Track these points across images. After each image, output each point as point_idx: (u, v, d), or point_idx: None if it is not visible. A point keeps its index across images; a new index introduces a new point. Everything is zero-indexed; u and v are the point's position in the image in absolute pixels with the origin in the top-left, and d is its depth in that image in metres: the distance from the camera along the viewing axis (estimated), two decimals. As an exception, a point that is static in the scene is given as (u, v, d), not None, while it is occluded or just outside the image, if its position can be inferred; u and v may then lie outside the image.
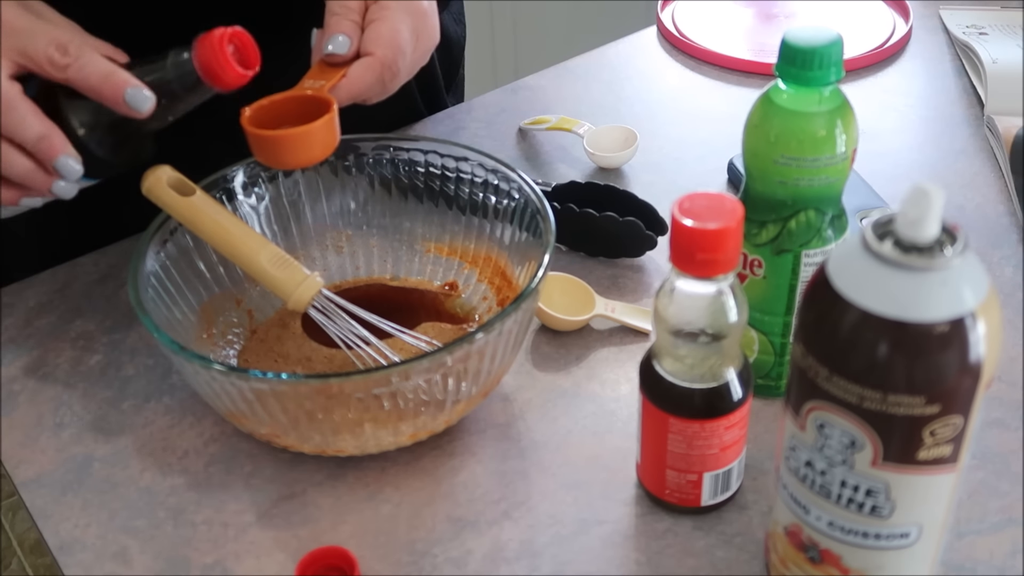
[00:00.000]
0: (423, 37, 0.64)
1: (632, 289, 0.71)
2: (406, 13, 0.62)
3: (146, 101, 0.56)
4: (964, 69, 0.94)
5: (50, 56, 0.55)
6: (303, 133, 0.57)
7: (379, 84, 0.62)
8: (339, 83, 0.60)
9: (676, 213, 0.46)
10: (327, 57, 0.61)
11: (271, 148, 0.58)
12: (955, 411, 0.40)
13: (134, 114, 0.56)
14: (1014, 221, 0.75)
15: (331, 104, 0.58)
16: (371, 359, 0.60)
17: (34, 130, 0.55)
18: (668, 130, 0.88)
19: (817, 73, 0.51)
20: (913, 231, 0.39)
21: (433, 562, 0.54)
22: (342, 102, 0.60)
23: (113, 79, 0.55)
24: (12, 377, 0.67)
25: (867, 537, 0.44)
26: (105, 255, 0.77)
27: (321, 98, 0.59)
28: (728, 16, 1.04)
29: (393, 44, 0.61)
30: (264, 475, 0.59)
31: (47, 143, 0.56)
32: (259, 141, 0.58)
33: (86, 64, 0.55)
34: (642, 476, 0.56)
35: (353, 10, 0.62)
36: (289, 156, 0.59)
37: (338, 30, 0.61)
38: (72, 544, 0.56)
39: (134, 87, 0.56)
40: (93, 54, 0.56)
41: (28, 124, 0.55)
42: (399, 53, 0.61)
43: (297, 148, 0.58)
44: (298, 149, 0.58)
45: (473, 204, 0.68)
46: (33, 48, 0.55)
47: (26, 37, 0.55)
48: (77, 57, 0.55)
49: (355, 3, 0.62)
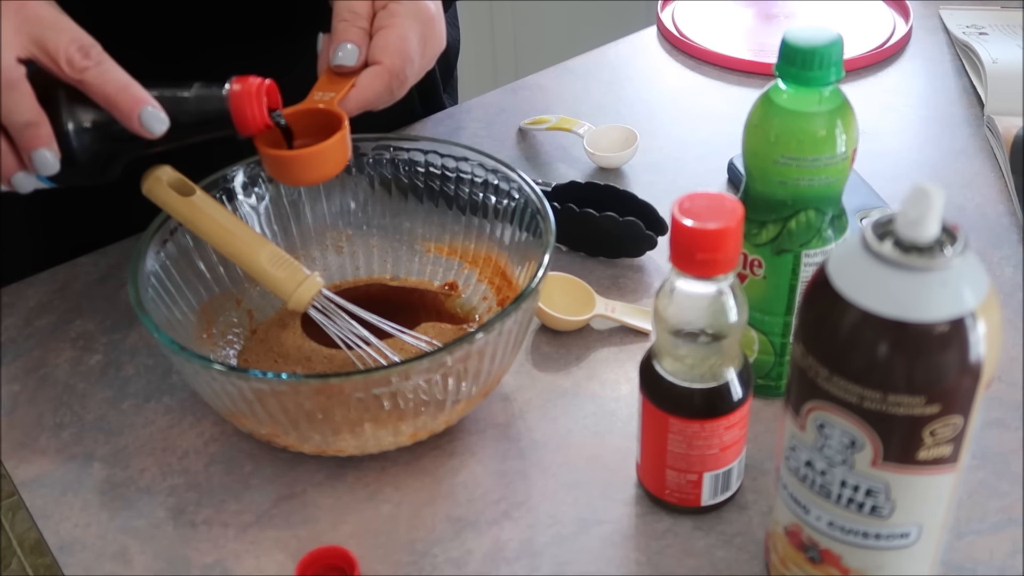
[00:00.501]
0: (430, 43, 0.63)
1: (632, 289, 0.71)
2: (414, 20, 0.62)
3: (161, 123, 0.55)
4: (964, 69, 0.94)
5: (70, 56, 0.53)
6: (317, 153, 0.57)
7: (387, 92, 0.61)
8: (348, 93, 0.60)
9: (676, 213, 0.46)
10: (336, 67, 0.61)
11: (285, 167, 0.59)
12: (955, 411, 0.40)
13: (143, 133, 0.55)
14: (1014, 221, 0.75)
15: (342, 120, 0.58)
16: (371, 359, 0.60)
17: (26, 116, 0.54)
18: (668, 130, 0.88)
19: (817, 73, 0.51)
20: (913, 231, 0.39)
21: (433, 562, 0.54)
22: (351, 112, 0.60)
23: (132, 93, 0.54)
24: (12, 377, 0.67)
25: (867, 537, 0.44)
26: (105, 255, 0.77)
27: (332, 112, 0.59)
28: (728, 16, 1.04)
29: (402, 52, 0.61)
30: (264, 475, 0.59)
31: (34, 131, 0.54)
32: (274, 160, 0.58)
33: (106, 72, 0.54)
34: (642, 476, 0.56)
35: (361, 16, 0.61)
36: (303, 174, 0.59)
37: (346, 38, 0.60)
38: (72, 544, 0.56)
39: (153, 107, 0.54)
40: (113, 63, 0.55)
41: (23, 108, 0.53)
42: (407, 61, 0.61)
43: (311, 167, 0.58)
44: (312, 167, 0.58)
45: (473, 204, 0.68)
46: (54, 43, 0.53)
47: (49, 30, 0.54)
48: (99, 63, 0.54)
49: (363, 9, 0.61)
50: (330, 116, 0.59)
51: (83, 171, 0.57)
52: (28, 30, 0.53)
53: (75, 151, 0.56)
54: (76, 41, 0.54)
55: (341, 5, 0.61)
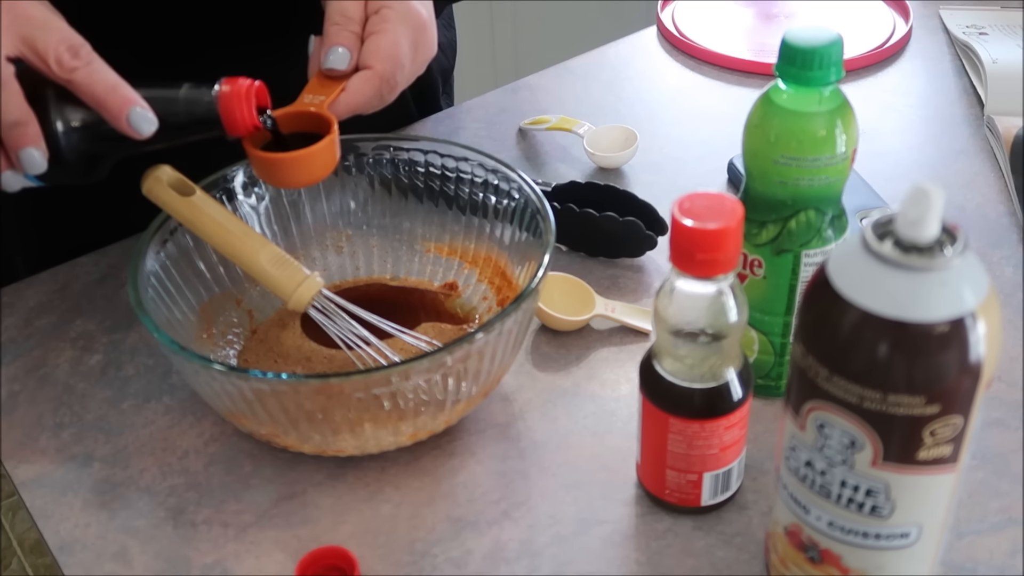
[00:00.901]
0: (421, 48, 0.63)
1: (632, 289, 0.71)
2: (406, 25, 0.62)
3: (150, 124, 0.55)
4: (964, 69, 0.94)
5: (59, 56, 0.53)
6: (304, 156, 0.57)
7: (377, 97, 0.61)
8: (338, 97, 0.60)
9: (676, 213, 0.46)
10: (326, 71, 0.61)
11: (273, 169, 0.59)
12: (955, 411, 0.40)
13: (132, 133, 0.55)
14: (1014, 221, 0.75)
15: (332, 124, 0.59)
16: (371, 359, 0.60)
17: (14, 114, 0.53)
18: (668, 130, 0.88)
19: (817, 73, 0.51)
20: (913, 231, 0.39)
21: (433, 562, 0.54)
22: (341, 115, 0.60)
23: (121, 93, 0.54)
24: (12, 377, 0.67)
25: (867, 537, 0.44)
26: (105, 255, 0.77)
27: (322, 116, 0.59)
28: (728, 16, 1.04)
29: (392, 58, 0.61)
30: (264, 475, 0.59)
31: (21, 130, 0.54)
32: (261, 162, 0.58)
33: (95, 72, 0.54)
34: (642, 476, 0.56)
35: (353, 21, 0.61)
36: (291, 177, 0.59)
37: (337, 42, 0.60)
38: (72, 544, 0.56)
39: (142, 108, 0.54)
40: (103, 63, 0.54)
41: (11, 107, 0.53)
42: (398, 67, 0.61)
43: (299, 170, 0.58)
44: (300, 171, 0.58)
45: (473, 204, 0.68)
46: (44, 43, 0.53)
47: (39, 29, 0.53)
48: (88, 63, 0.54)
49: (355, 13, 0.61)
50: (320, 119, 0.59)
51: (70, 170, 0.57)
52: (18, 29, 0.53)
53: (63, 150, 0.56)
54: (66, 41, 0.53)
55: (333, 8, 0.61)
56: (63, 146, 0.56)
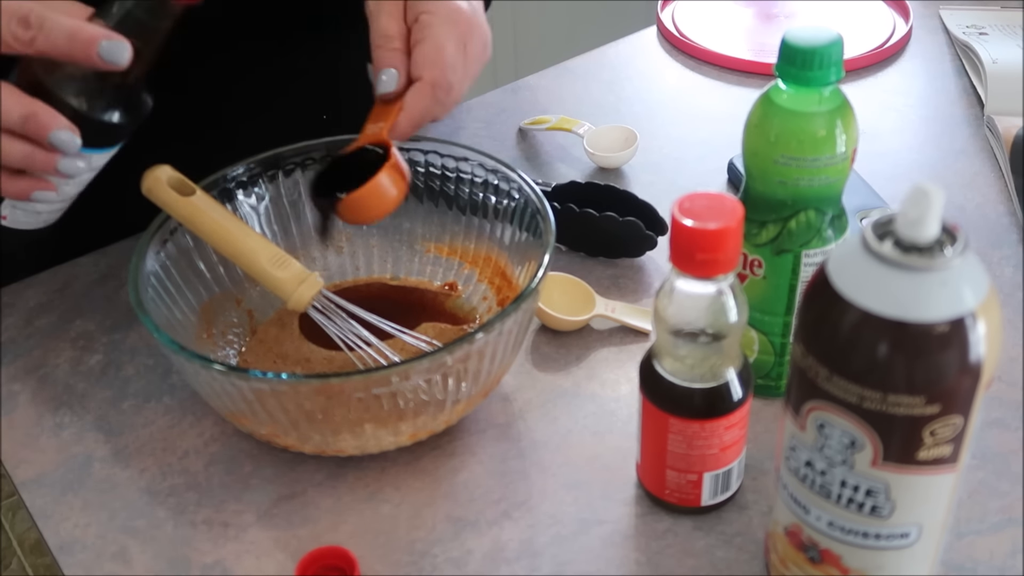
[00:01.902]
0: (472, 43, 0.63)
1: (632, 289, 0.71)
2: (449, 26, 0.61)
3: (123, 51, 0.53)
4: (964, 69, 0.94)
5: (14, 32, 0.52)
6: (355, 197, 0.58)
7: (435, 105, 0.61)
8: (398, 118, 0.60)
9: (676, 213, 0.46)
10: (381, 96, 0.61)
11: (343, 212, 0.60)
12: (955, 411, 0.40)
13: (113, 67, 0.53)
14: (1014, 221, 0.75)
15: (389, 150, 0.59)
16: (371, 359, 0.60)
17: (16, 111, 0.53)
18: (668, 130, 0.88)
19: (817, 73, 0.51)
20: (913, 231, 0.39)
21: (433, 562, 0.54)
22: (404, 134, 0.60)
23: (80, 36, 0.52)
24: (12, 377, 0.67)
25: (867, 537, 0.44)
26: (105, 255, 0.77)
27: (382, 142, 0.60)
28: (728, 16, 1.04)
29: (438, 62, 0.60)
30: (264, 475, 0.59)
31: (34, 121, 0.53)
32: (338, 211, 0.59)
33: (50, 30, 0.52)
34: (642, 476, 0.56)
35: (393, 38, 0.61)
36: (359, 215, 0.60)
37: (383, 64, 0.60)
38: (72, 544, 0.56)
39: (107, 39, 0.52)
40: (55, 16, 0.52)
41: (9, 106, 0.53)
42: (447, 69, 0.60)
43: (364, 206, 0.59)
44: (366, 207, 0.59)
45: (473, 204, 0.68)
46: None
47: None
48: (40, 26, 0.52)
49: (394, 30, 0.61)
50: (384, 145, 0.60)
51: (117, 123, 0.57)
52: None
53: (90, 114, 0.55)
54: (14, 16, 0.52)
55: (373, 31, 0.61)
56: (85, 110, 0.55)
